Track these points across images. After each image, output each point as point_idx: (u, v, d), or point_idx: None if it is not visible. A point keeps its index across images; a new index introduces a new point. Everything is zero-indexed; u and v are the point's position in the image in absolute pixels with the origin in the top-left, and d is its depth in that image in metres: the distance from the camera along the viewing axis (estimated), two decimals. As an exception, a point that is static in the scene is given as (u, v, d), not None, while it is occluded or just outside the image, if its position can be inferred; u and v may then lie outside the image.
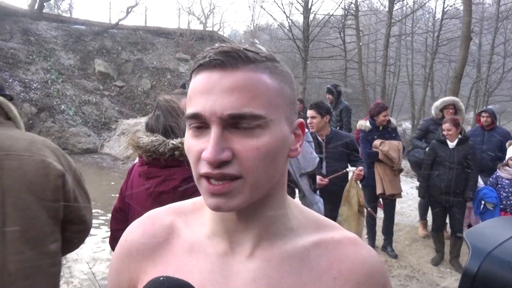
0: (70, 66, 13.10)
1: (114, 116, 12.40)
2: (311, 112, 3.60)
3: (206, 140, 0.54)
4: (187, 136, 0.58)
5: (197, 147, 0.55)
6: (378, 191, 4.26)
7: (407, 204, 6.68)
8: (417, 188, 4.99)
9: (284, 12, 19.45)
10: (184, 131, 0.73)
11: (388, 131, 4.39)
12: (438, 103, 4.93)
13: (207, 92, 0.54)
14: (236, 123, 0.53)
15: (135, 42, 15.40)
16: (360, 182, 3.64)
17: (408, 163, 5.78)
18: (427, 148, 4.44)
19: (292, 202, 0.68)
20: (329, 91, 6.33)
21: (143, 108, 13.34)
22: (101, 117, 12.08)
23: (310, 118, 3.58)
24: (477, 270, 1.00)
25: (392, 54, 20.63)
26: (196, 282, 0.58)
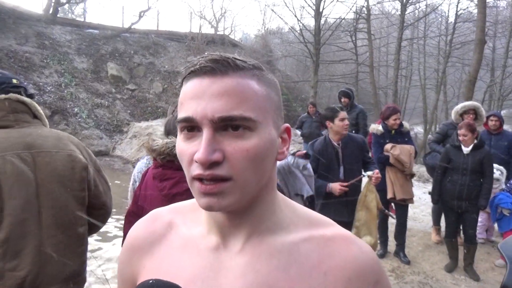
0: (83, 69, 13.29)
1: (126, 119, 12.53)
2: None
3: (198, 143, 0.56)
4: (179, 140, 0.60)
5: (189, 150, 0.57)
6: (389, 195, 4.20)
7: (419, 210, 6.59)
8: (429, 193, 4.91)
9: (295, 16, 19.41)
10: None
11: (401, 135, 4.33)
12: (458, 108, 4.78)
13: (198, 97, 0.56)
14: (226, 126, 0.56)
15: (147, 45, 15.58)
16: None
17: (420, 168, 5.70)
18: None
19: (283, 201, 0.69)
20: (345, 95, 6.18)
21: (154, 111, 13.46)
22: (113, 120, 12.22)
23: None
24: None
25: (404, 57, 20.49)
26: (187, 276, 0.62)
